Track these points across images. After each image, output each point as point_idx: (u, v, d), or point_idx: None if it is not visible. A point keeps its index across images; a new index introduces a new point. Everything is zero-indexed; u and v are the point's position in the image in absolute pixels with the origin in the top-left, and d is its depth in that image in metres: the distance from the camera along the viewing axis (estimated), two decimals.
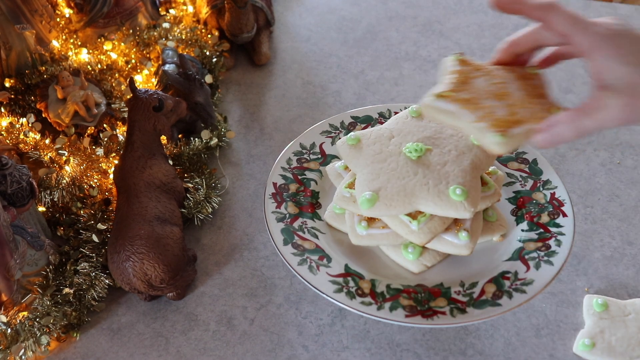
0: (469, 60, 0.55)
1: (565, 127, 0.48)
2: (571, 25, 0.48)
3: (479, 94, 0.52)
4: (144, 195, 0.68)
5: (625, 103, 0.46)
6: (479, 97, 0.52)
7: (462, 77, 0.54)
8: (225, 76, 1.01)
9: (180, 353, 0.66)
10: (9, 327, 0.64)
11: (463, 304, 0.56)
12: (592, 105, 0.47)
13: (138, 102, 0.71)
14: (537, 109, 0.52)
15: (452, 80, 0.53)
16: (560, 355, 0.64)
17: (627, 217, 0.77)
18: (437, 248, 0.58)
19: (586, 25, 0.47)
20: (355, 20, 1.11)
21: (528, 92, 0.53)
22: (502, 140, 0.49)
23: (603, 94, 0.47)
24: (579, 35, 0.47)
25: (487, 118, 0.50)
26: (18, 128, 0.80)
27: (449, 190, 0.55)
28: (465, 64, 0.55)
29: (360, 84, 0.98)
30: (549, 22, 0.49)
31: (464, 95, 0.52)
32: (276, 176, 0.68)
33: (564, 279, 0.71)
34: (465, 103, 0.52)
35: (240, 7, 0.93)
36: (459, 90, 0.52)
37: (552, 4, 0.49)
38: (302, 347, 0.66)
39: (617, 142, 0.87)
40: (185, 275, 0.68)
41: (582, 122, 0.47)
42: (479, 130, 0.50)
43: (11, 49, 0.88)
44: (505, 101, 0.52)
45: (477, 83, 0.53)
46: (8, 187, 0.65)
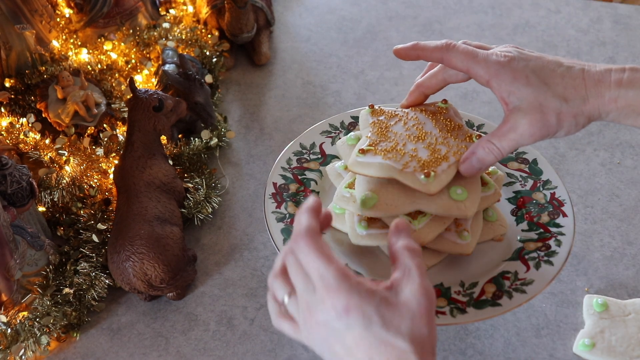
0: (382, 109, 0.60)
1: (484, 152, 0.52)
2: (468, 60, 0.52)
3: (399, 141, 0.57)
4: (144, 195, 0.68)
5: (533, 120, 0.49)
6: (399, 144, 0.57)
7: (380, 128, 0.59)
8: (225, 76, 1.01)
9: (180, 353, 0.66)
10: (9, 327, 0.64)
11: (463, 304, 0.56)
12: (504, 128, 0.51)
13: (138, 102, 0.71)
14: (456, 142, 0.56)
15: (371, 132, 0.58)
16: (560, 355, 0.64)
17: (627, 217, 0.77)
18: (437, 248, 0.58)
19: (482, 57, 0.51)
20: (355, 20, 1.11)
21: (443, 128, 0.58)
22: (429, 181, 0.53)
23: (512, 115, 0.50)
24: (477, 68, 0.51)
25: (412, 163, 0.55)
26: (18, 128, 0.80)
27: (449, 190, 0.55)
28: (379, 114, 0.60)
29: (360, 84, 0.98)
30: (449, 62, 0.53)
31: (385, 146, 0.57)
32: (276, 176, 0.68)
33: (564, 279, 0.71)
34: (387, 153, 0.56)
35: (240, 7, 0.93)
36: (380, 142, 0.57)
37: (447, 44, 0.53)
38: (302, 347, 0.66)
39: (617, 142, 0.87)
40: (185, 275, 0.68)
41: (499, 144, 0.51)
42: (406, 176, 0.54)
43: (11, 49, 0.88)
44: (425, 141, 0.57)
45: (395, 129, 0.58)
46: (8, 187, 0.65)
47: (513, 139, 0.51)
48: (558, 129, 0.50)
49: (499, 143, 0.51)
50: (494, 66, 0.50)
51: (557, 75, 0.49)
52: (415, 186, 0.54)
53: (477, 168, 0.53)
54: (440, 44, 0.53)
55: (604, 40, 1.05)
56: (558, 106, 0.49)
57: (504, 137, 0.51)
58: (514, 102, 0.50)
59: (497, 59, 0.51)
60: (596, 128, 0.89)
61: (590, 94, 0.49)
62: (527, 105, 0.49)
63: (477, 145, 0.53)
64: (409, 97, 0.60)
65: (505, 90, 0.50)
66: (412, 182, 0.54)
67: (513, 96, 0.50)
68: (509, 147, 0.51)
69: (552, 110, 0.49)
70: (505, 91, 0.50)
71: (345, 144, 0.65)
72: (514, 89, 0.50)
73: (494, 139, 0.51)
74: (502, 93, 0.51)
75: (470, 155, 0.53)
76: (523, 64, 0.50)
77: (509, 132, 0.51)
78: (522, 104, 0.50)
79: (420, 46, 0.55)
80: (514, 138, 0.51)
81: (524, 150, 0.70)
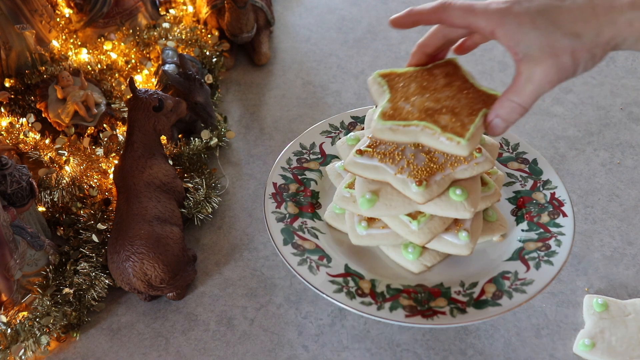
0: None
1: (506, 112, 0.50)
2: (467, 15, 0.49)
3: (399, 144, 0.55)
4: (144, 195, 0.68)
5: (548, 66, 0.47)
6: (399, 147, 0.55)
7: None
8: (225, 76, 1.01)
9: (180, 353, 0.66)
10: (9, 327, 0.64)
11: (463, 304, 0.56)
12: (519, 82, 0.48)
13: (138, 102, 0.71)
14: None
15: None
16: (560, 355, 0.64)
17: (627, 217, 0.77)
18: (437, 248, 0.58)
19: (481, 8, 0.48)
20: (355, 20, 1.11)
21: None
22: (420, 190, 0.52)
23: (524, 66, 0.47)
24: (479, 21, 0.48)
25: (407, 169, 0.53)
26: (18, 128, 0.80)
27: (449, 190, 0.55)
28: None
29: (360, 84, 0.98)
30: (447, 21, 0.51)
31: (384, 149, 0.55)
32: (276, 176, 0.68)
33: (564, 279, 0.71)
34: (384, 156, 0.55)
35: (240, 7, 0.93)
36: (380, 143, 0.56)
37: (443, 3, 0.51)
38: (302, 347, 0.66)
39: (617, 142, 0.87)
40: (185, 275, 0.68)
41: (519, 99, 0.49)
42: (399, 181, 0.53)
43: (11, 49, 0.88)
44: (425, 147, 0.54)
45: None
46: (8, 187, 0.65)
47: (532, 90, 0.48)
48: (575, 69, 0.47)
49: (519, 99, 0.48)
50: (496, 15, 0.47)
51: (563, 11, 0.46)
52: (405, 192, 0.54)
53: (503, 127, 0.51)
54: (435, 5, 0.51)
55: None
56: (570, 44, 0.46)
57: (522, 92, 0.48)
58: (523, 50, 0.47)
59: (497, 6, 0.48)
60: (596, 128, 0.90)
61: (602, 23, 0.46)
62: (538, 51, 0.46)
63: (498, 106, 0.50)
64: (411, 58, 0.58)
65: (513, 38, 0.47)
66: (403, 189, 0.54)
67: (522, 44, 0.47)
68: (531, 100, 0.48)
69: (565, 50, 0.46)
70: (513, 39, 0.47)
71: (345, 144, 0.65)
72: (521, 35, 0.47)
73: (513, 96, 0.49)
74: (509, 42, 0.48)
75: (494, 117, 0.51)
76: (526, 6, 0.47)
77: (526, 85, 0.48)
78: (533, 50, 0.47)
79: (415, 11, 0.52)
80: (533, 90, 0.48)
81: (524, 150, 0.70)
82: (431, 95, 0.54)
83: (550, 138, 0.88)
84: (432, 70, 0.56)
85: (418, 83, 0.55)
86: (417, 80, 0.55)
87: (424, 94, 0.54)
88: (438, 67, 0.57)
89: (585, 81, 0.97)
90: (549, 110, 0.93)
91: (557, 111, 0.92)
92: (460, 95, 0.54)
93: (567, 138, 0.88)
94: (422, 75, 0.56)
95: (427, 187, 0.54)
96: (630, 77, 0.98)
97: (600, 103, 0.94)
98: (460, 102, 0.53)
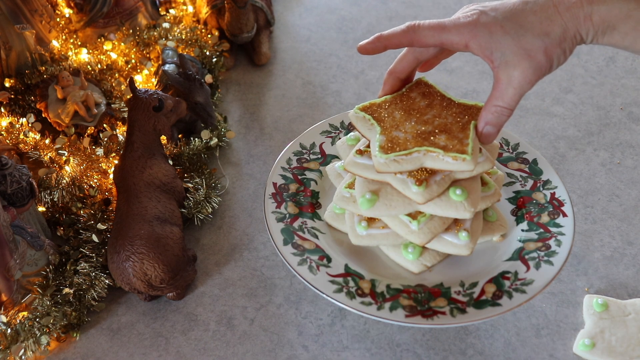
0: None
1: (494, 117, 0.52)
2: (439, 33, 0.51)
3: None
4: (144, 195, 0.68)
5: (524, 68, 0.49)
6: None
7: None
8: (225, 76, 1.01)
9: (180, 353, 0.66)
10: (9, 327, 0.64)
11: (463, 304, 0.56)
12: (501, 86, 0.50)
13: (138, 102, 0.71)
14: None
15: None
16: (560, 355, 0.64)
17: (627, 217, 0.77)
18: (437, 248, 0.58)
19: (451, 24, 0.50)
20: (355, 20, 1.11)
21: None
22: (420, 190, 0.53)
23: (501, 72, 0.50)
24: (451, 37, 0.50)
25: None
26: (18, 128, 0.80)
27: (449, 190, 0.55)
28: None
29: (360, 84, 0.98)
30: (419, 42, 0.52)
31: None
32: (276, 176, 0.68)
33: (564, 279, 0.71)
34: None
35: (240, 7, 0.93)
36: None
37: (411, 26, 0.52)
38: (302, 347, 0.66)
39: (617, 142, 0.87)
40: (185, 275, 0.68)
41: (503, 103, 0.50)
42: (399, 181, 0.54)
43: (11, 49, 0.88)
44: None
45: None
46: (8, 187, 0.65)
47: (514, 92, 0.50)
48: (550, 65, 0.49)
49: (503, 102, 0.50)
50: (466, 27, 0.49)
51: (528, 13, 0.49)
52: (405, 192, 0.54)
53: (495, 133, 0.53)
54: (404, 28, 0.52)
55: None
56: (542, 43, 0.48)
57: (505, 96, 0.50)
58: (498, 58, 0.49)
59: (465, 20, 0.50)
60: (596, 128, 0.90)
61: (566, 19, 0.48)
62: (513, 55, 0.49)
63: (485, 114, 0.52)
64: (384, 86, 0.59)
65: (487, 47, 0.49)
66: (403, 188, 0.54)
67: (496, 52, 0.49)
68: (515, 102, 0.50)
69: (538, 50, 0.48)
70: (487, 49, 0.49)
71: (345, 144, 0.65)
72: (494, 43, 0.49)
73: (497, 101, 0.51)
74: (484, 52, 0.50)
75: (484, 125, 0.52)
76: (492, 15, 0.49)
77: (507, 89, 0.50)
78: (507, 56, 0.49)
79: (385, 36, 0.53)
80: (514, 92, 0.50)
81: (524, 150, 0.70)
82: (419, 119, 0.56)
83: (550, 138, 0.88)
84: (408, 94, 0.58)
85: (401, 109, 0.57)
86: (398, 107, 0.57)
87: (411, 119, 0.56)
88: (412, 89, 0.59)
89: (585, 81, 0.97)
90: (549, 110, 0.93)
91: (557, 111, 0.92)
92: (444, 112, 0.56)
93: (567, 138, 0.88)
94: (401, 101, 0.58)
95: (427, 187, 0.54)
96: (630, 77, 0.98)
97: (600, 103, 0.94)
98: (448, 120, 0.55)
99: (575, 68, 1.00)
